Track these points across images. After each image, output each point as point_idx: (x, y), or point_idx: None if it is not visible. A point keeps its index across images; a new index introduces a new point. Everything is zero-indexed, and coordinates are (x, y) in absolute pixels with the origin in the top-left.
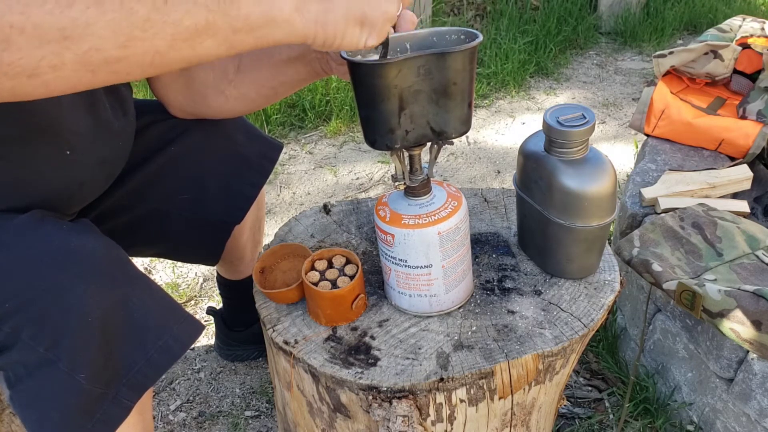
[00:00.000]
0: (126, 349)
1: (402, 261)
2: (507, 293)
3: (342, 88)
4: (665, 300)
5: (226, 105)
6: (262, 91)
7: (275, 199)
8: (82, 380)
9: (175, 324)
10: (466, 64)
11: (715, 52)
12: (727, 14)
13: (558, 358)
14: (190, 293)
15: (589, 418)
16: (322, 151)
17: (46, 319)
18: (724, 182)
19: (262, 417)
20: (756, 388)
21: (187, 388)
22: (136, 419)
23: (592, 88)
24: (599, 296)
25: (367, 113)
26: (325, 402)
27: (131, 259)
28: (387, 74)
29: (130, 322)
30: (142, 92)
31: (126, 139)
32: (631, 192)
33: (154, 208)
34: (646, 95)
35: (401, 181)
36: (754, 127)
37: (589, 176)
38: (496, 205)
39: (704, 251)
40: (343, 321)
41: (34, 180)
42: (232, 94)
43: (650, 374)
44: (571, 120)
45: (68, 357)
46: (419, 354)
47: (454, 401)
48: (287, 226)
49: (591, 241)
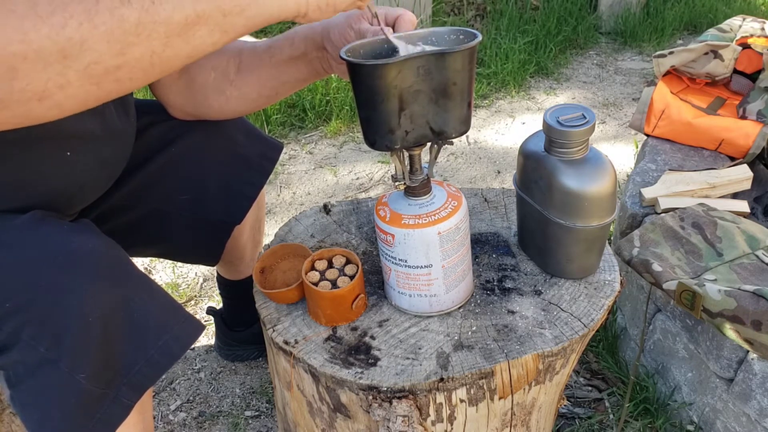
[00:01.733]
0: (126, 349)
1: (402, 261)
2: (507, 293)
3: (342, 88)
4: (665, 300)
5: (227, 105)
6: (264, 92)
7: (275, 199)
8: (83, 380)
9: (176, 324)
10: (465, 63)
11: (715, 52)
12: (727, 14)
13: (558, 358)
14: (190, 293)
15: (589, 418)
16: (322, 151)
17: (46, 319)
18: (724, 182)
19: (262, 417)
20: (756, 388)
21: (187, 388)
22: (136, 419)
23: (592, 88)
24: (599, 296)
25: (367, 114)
26: (325, 402)
27: (131, 259)
28: (387, 75)
29: (130, 322)
30: (142, 92)
31: (127, 140)
32: (631, 192)
33: (155, 209)
34: (646, 95)
35: (401, 181)
36: (754, 127)
37: (589, 176)
38: (496, 205)
39: (704, 251)
40: (343, 321)
41: (34, 181)
42: (233, 95)
43: (650, 374)
44: (571, 120)
45: (69, 357)
46: (419, 354)
47: (454, 401)
48: (287, 226)
49: (591, 241)
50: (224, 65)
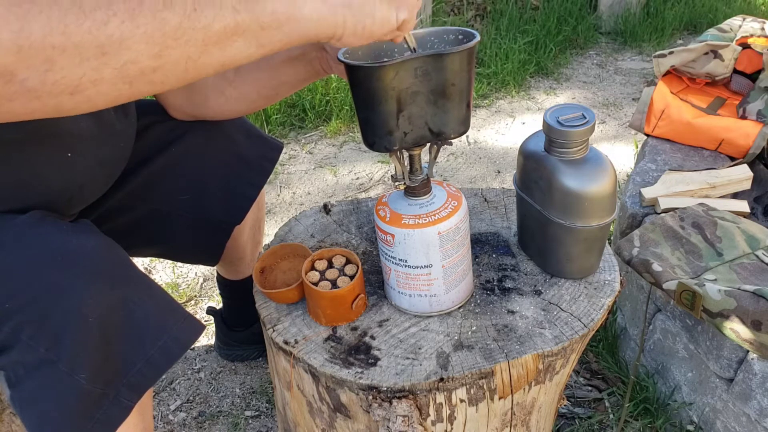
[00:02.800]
0: (126, 349)
1: (402, 261)
2: (507, 293)
3: (342, 88)
4: (665, 300)
5: (226, 106)
6: (263, 92)
7: (275, 199)
8: (82, 380)
9: (175, 324)
10: (464, 64)
11: (715, 52)
12: (727, 14)
13: (558, 358)
14: (190, 293)
15: (589, 418)
16: (322, 151)
17: (45, 319)
18: (724, 182)
19: (262, 417)
20: (756, 388)
21: (187, 388)
22: (136, 419)
23: (592, 88)
24: (599, 296)
25: (366, 115)
26: (325, 402)
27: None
28: (384, 76)
29: (129, 323)
30: None
31: (127, 140)
32: (631, 192)
33: (155, 209)
34: (646, 95)
35: (401, 181)
36: (754, 127)
37: (589, 176)
38: (496, 205)
39: (704, 251)
40: (343, 321)
41: (34, 181)
42: (232, 95)
43: (650, 374)
44: (571, 120)
45: (68, 357)
46: (419, 354)
47: (454, 401)
48: (287, 226)
49: (591, 241)
50: None
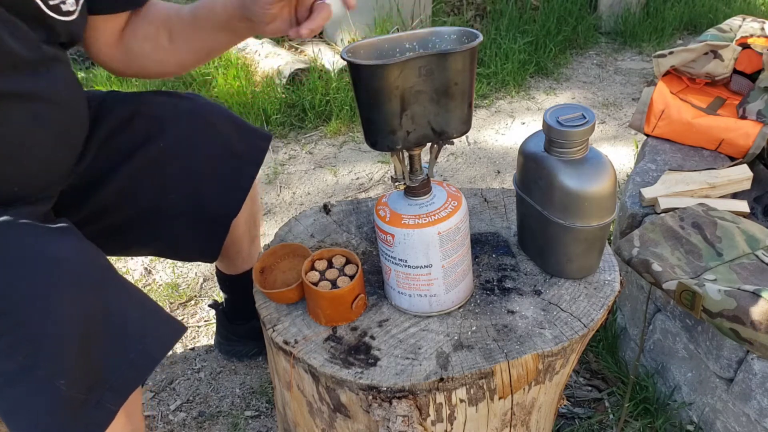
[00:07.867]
0: (107, 354)
1: (402, 261)
2: (507, 293)
3: (342, 88)
4: (665, 300)
5: (165, 69)
6: (199, 56)
7: (275, 199)
8: (63, 386)
9: (156, 327)
10: (466, 64)
11: (715, 52)
12: (727, 14)
13: (558, 358)
14: (190, 293)
15: (589, 418)
16: (322, 151)
17: (23, 327)
18: (724, 182)
19: (262, 417)
20: (756, 388)
21: (187, 388)
22: (123, 422)
23: (592, 88)
24: (599, 296)
25: (369, 115)
26: (325, 402)
27: (130, 259)
28: (389, 75)
29: (109, 327)
30: (116, 85)
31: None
32: (631, 192)
33: (147, 207)
34: (646, 95)
35: (401, 181)
36: (754, 127)
37: (589, 176)
38: (496, 205)
39: (704, 251)
40: (343, 321)
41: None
42: (170, 61)
43: (650, 374)
44: (571, 120)
45: (47, 364)
46: (419, 354)
47: (454, 401)
48: (287, 226)
49: (591, 241)
50: (155, 35)
